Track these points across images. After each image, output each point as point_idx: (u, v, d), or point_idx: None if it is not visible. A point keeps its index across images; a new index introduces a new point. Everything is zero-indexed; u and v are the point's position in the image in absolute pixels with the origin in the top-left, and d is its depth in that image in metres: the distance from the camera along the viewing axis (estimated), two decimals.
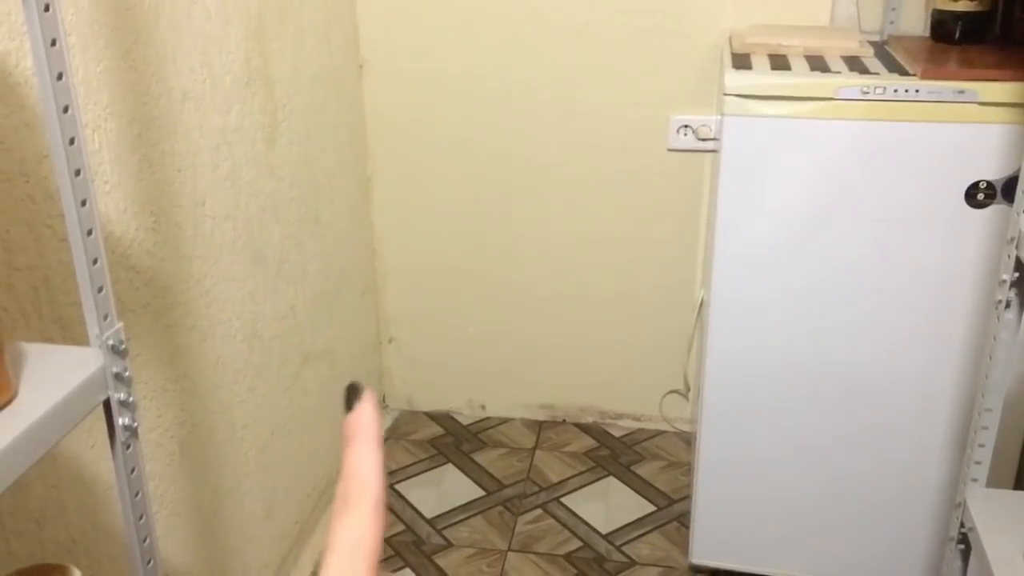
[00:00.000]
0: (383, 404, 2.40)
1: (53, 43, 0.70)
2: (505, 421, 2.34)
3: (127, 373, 0.78)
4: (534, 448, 2.23)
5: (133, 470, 0.82)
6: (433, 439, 2.27)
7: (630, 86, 2.00)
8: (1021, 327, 1.11)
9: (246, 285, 1.60)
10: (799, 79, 1.50)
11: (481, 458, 2.20)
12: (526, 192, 2.13)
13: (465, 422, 2.34)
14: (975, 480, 1.17)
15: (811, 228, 1.55)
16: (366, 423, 0.40)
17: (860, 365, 1.62)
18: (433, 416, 2.36)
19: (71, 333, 1.14)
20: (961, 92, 1.43)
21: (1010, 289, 1.07)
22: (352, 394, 0.40)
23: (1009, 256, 1.06)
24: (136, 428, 0.80)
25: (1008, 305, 1.08)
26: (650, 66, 1.98)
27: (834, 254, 1.56)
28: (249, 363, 1.62)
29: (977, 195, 1.48)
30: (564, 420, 2.33)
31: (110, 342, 0.77)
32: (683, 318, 2.17)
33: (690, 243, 2.11)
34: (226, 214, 1.52)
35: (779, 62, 1.58)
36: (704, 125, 1.99)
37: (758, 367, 1.66)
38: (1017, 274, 1.06)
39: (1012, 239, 1.06)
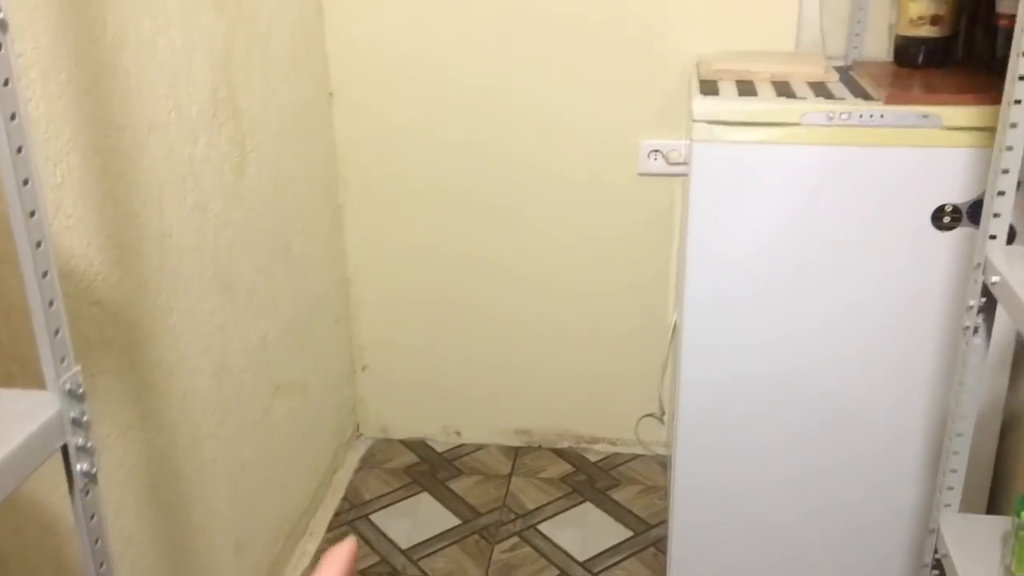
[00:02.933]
0: (357, 433, 2.38)
1: (6, 83, 0.69)
2: (481, 447, 2.32)
3: (85, 417, 0.77)
4: (510, 475, 2.22)
5: (93, 516, 0.80)
6: (408, 467, 2.25)
7: (601, 112, 2.01)
8: (989, 351, 1.11)
9: (215, 317, 1.58)
10: (765, 105, 1.51)
11: (457, 486, 2.18)
12: (499, 218, 2.13)
13: (440, 449, 2.32)
14: (948, 506, 1.17)
15: (781, 252, 1.56)
16: (338, 555, 0.48)
17: (833, 388, 1.62)
18: (408, 444, 2.34)
19: (32, 370, 1.11)
20: (925, 117, 1.44)
21: (978, 315, 1.07)
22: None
23: (976, 282, 1.07)
24: (95, 473, 0.78)
25: (976, 331, 1.08)
26: (620, 92, 1.99)
27: (804, 277, 1.56)
28: (218, 397, 1.60)
29: (943, 218, 1.49)
30: (540, 446, 2.32)
31: (67, 386, 0.76)
32: (657, 341, 2.17)
33: (662, 266, 2.11)
34: (194, 245, 1.50)
35: (746, 88, 1.59)
36: (674, 150, 2.00)
37: (732, 390, 1.66)
38: (984, 299, 1.07)
39: (978, 265, 1.07)
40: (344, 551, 0.48)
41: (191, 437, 1.51)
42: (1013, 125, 1.01)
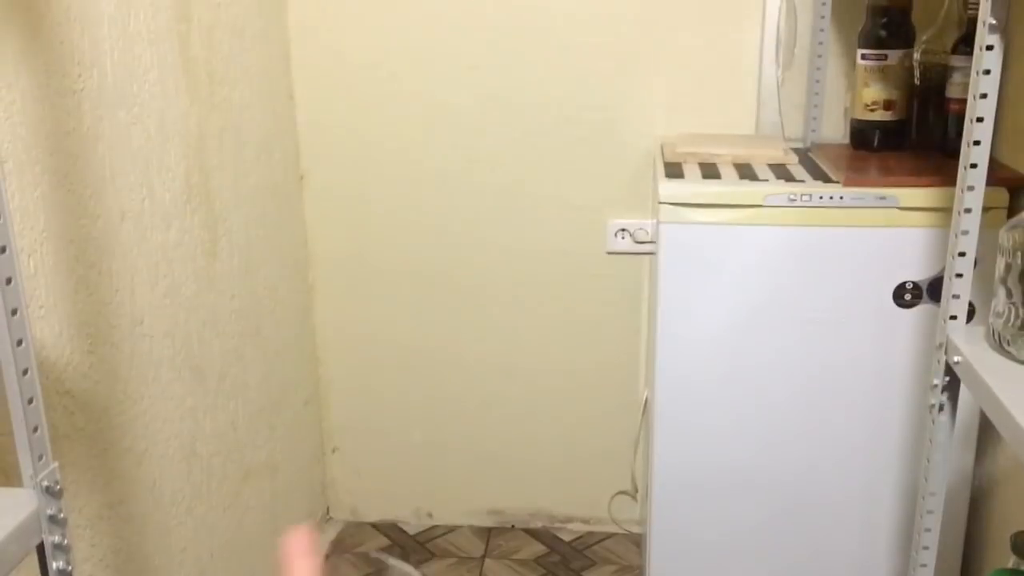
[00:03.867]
0: (327, 516, 2.34)
1: None
2: (453, 529, 2.29)
3: (62, 515, 0.76)
4: (483, 556, 2.19)
5: None
6: (379, 551, 2.21)
7: (569, 192, 2.05)
8: (956, 426, 1.14)
9: (185, 402, 1.57)
10: (729, 187, 1.55)
11: (429, 570, 2.15)
12: (469, 297, 2.15)
13: (412, 532, 2.29)
14: None
15: (748, 330, 1.59)
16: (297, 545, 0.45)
17: (802, 460, 1.64)
18: (379, 527, 2.31)
19: (1, 463, 1.10)
20: (883, 198, 1.49)
21: (942, 393, 1.10)
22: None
23: (939, 361, 1.10)
24: (71, 572, 0.77)
25: (941, 408, 1.11)
26: (587, 172, 2.03)
27: (771, 355, 1.59)
28: (188, 483, 1.58)
29: (905, 295, 1.53)
30: (513, 526, 2.30)
31: (45, 483, 0.75)
32: (628, 418, 2.18)
33: (632, 343, 2.13)
34: (165, 331, 1.50)
35: (709, 170, 1.64)
36: (641, 229, 2.04)
37: (704, 468, 1.66)
38: (947, 378, 1.09)
39: (940, 345, 1.10)
40: (302, 540, 0.43)
41: (161, 526, 1.48)
42: (967, 210, 1.06)
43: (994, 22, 1.00)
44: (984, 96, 1.02)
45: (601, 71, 1.97)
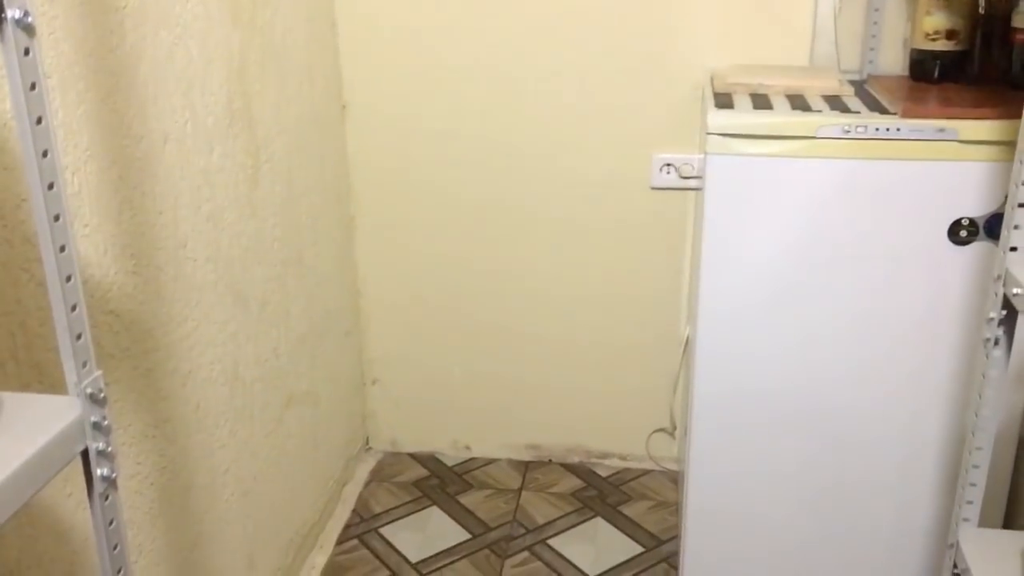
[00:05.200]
0: (367, 446, 2.37)
1: (33, 87, 0.69)
2: (490, 462, 2.31)
3: (106, 422, 0.76)
4: (520, 489, 2.21)
5: (112, 522, 0.80)
6: (418, 481, 2.24)
7: (612, 126, 2.01)
8: (1009, 365, 1.11)
9: (228, 327, 1.58)
10: (781, 118, 1.51)
11: (467, 500, 2.17)
12: (510, 231, 2.13)
13: (450, 463, 2.31)
14: (967, 520, 1.16)
15: (796, 266, 1.55)
16: None
17: (847, 403, 1.61)
18: (417, 457, 2.34)
19: (49, 378, 1.12)
20: (941, 130, 1.44)
21: (998, 327, 1.07)
22: None
23: (996, 294, 1.06)
24: (115, 479, 0.78)
25: (996, 343, 1.08)
26: (632, 106, 1.99)
27: (819, 291, 1.56)
28: (230, 407, 1.60)
29: (960, 232, 1.48)
30: (550, 460, 2.31)
31: (88, 390, 0.75)
32: (668, 356, 2.16)
33: (674, 280, 2.11)
34: (208, 256, 1.50)
35: (761, 101, 1.59)
36: (686, 163, 2.00)
37: (744, 405, 1.65)
38: (1004, 311, 1.06)
39: (999, 277, 1.06)
40: None
41: (204, 447, 1.51)
42: None
43: None
44: None
45: None
